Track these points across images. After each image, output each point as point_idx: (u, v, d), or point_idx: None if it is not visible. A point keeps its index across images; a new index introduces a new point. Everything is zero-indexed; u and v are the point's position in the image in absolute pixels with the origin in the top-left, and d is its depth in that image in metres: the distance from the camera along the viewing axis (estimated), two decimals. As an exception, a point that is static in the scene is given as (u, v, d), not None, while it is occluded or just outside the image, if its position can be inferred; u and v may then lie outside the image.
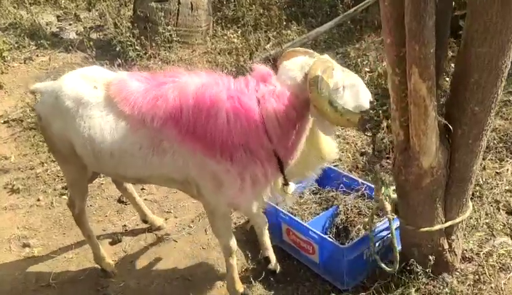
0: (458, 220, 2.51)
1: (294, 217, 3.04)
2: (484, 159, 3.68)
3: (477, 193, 3.37)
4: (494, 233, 3.04)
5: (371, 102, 2.29)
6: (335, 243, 2.82)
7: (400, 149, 2.31)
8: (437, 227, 2.47)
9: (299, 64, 2.31)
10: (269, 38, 6.69)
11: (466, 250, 2.87)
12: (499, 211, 3.26)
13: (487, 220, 3.15)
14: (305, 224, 2.95)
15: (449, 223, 2.49)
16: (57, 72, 6.49)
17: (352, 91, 2.34)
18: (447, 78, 3.29)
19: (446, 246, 2.56)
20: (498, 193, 3.38)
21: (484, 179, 3.50)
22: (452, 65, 3.27)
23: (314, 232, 2.85)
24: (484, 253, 2.82)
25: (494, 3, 1.86)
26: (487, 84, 2.05)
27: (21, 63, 6.81)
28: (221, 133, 2.24)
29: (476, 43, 1.98)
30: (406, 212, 2.52)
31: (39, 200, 4.01)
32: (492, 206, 3.29)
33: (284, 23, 6.99)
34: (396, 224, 2.95)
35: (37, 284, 3.13)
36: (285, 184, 2.54)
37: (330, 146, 2.54)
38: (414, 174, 2.31)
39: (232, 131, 2.24)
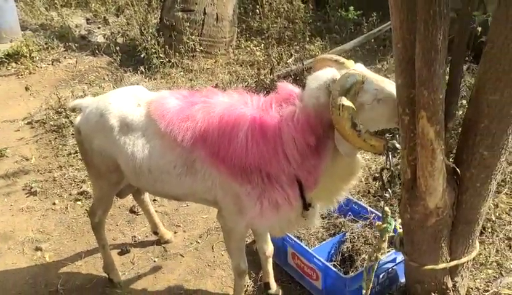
0: (463, 260, 2.47)
1: (300, 242, 3.05)
2: (498, 193, 3.61)
3: (489, 229, 3.30)
4: (503, 272, 3.00)
5: None
6: (338, 273, 2.81)
7: (407, 187, 2.29)
8: (441, 265, 2.44)
9: (323, 80, 2.11)
10: (291, 53, 6.71)
11: (472, 288, 2.84)
12: (510, 248, 3.20)
13: (497, 258, 3.11)
14: (310, 250, 2.96)
15: (454, 263, 2.45)
16: (82, 75, 6.67)
17: (388, 104, 2.10)
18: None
19: (450, 285, 2.53)
20: (510, 230, 3.30)
21: (497, 214, 3.43)
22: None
23: (318, 259, 2.86)
24: (490, 293, 2.78)
25: (508, 53, 1.85)
26: (497, 131, 2.02)
27: (48, 65, 7.00)
28: (240, 154, 2.20)
29: (488, 91, 1.96)
30: (410, 249, 2.50)
31: (54, 203, 4.11)
32: (503, 242, 3.24)
33: (308, 38, 7.00)
34: (401, 257, 2.95)
35: (46, 290, 3.21)
36: (305, 208, 2.37)
37: (355, 162, 2.31)
38: (420, 213, 2.29)
39: (249, 153, 2.18)
